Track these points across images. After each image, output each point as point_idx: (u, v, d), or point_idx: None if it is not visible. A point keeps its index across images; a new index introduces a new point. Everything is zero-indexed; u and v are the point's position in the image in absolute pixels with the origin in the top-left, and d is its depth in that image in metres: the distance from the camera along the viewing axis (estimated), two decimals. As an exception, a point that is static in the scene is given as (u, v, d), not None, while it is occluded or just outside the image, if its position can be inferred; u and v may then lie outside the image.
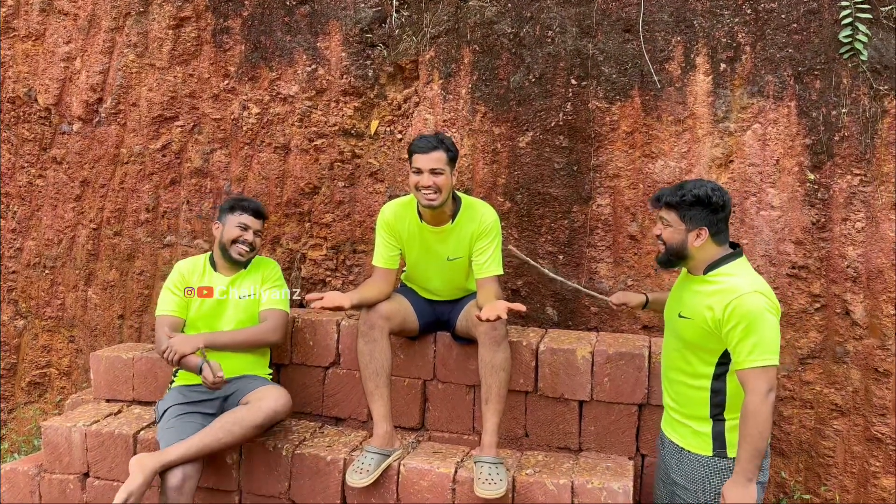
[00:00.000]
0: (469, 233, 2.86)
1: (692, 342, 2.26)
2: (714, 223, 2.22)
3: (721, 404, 2.24)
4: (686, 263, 2.31)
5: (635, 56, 3.25)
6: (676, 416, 2.36)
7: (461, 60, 3.43)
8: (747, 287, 2.13)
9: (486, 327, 2.68)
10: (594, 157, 3.32)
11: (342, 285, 3.69)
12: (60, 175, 4.02)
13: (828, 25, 3.07)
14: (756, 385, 2.08)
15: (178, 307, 2.97)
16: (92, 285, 4.04)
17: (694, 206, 2.21)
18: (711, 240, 2.23)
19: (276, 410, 2.72)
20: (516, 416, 3.05)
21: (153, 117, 3.81)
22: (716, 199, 2.19)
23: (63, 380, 4.17)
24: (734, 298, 2.12)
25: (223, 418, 2.71)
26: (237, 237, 2.96)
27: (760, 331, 2.09)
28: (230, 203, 3.05)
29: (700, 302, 2.22)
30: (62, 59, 3.94)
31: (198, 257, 3.11)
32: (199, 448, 2.62)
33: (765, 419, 2.08)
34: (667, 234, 2.28)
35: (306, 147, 3.64)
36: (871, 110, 3.03)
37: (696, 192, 2.20)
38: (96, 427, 3.06)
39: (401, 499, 2.74)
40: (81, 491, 3.06)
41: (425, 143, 2.75)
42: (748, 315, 2.09)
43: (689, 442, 2.30)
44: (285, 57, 3.63)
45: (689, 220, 2.22)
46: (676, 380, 2.35)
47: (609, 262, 3.35)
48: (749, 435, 2.10)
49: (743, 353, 2.11)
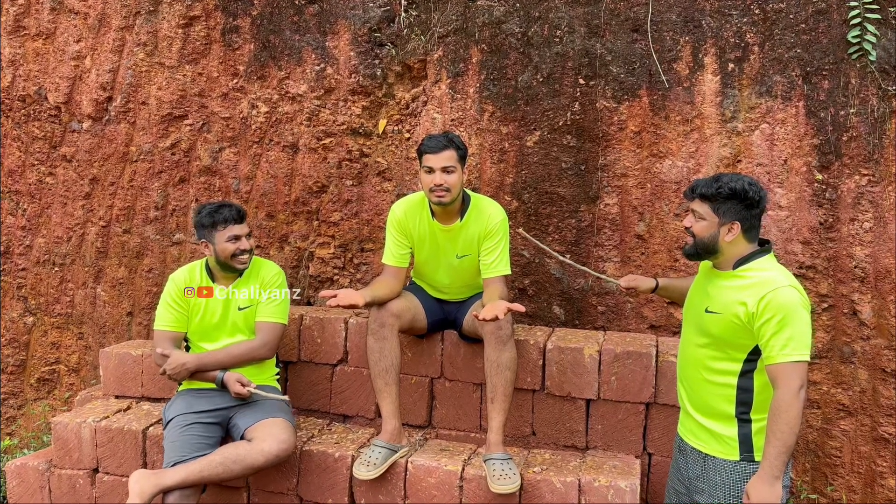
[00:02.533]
0: (476, 232, 2.87)
1: (721, 338, 2.19)
2: (747, 219, 2.17)
3: (748, 403, 2.18)
4: (714, 258, 2.25)
5: (643, 56, 3.25)
6: (698, 417, 2.29)
7: (469, 60, 3.44)
8: (783, 281, 2.10)
9: (491, 326, 2.68)
10: (602, 156, 3.33)
11: (350, 283, 3.70)
12: (70, 173, 4.05)
13: (836, 25, 3.07)
14: (788, 380, 2.03)
15: (175, 321, 2.92)
16: (101, 282, 4.06)
17: (729, 200, 2.16)
18: (743, 236, 2.18)
19: (277, 456, 2.68)
20: (523, 414, 3.06)
21: (162, 116, 3.84)
22: (752, 194, 2.15)
23: (72, 376, 4.20)
24: (769, 292, 2.07)
25: (225, 452, 2.69)
26: (234, 251, 2.87)
27: (795, 325, 2.04)
28: (207, 220, 2.87)
29: (731, 297, 2.16)
30: (72, 57, 3.97)
31: (193, 267, 3.01)
32: (198, 478, 2.63)
33: (795, 415, 2.03)
34: (698, 227, 2.22)
35: (314, 146, 3.66)
36: (880, 110, 3.03)
37: (733, 186, 2.15)
38: (106, 423, 3.08)
39: (408, 496, 2.76)
40: (91, 486, 3.08)
41: (436, 143, 2.76)
42: (783, 308, 2.05)
43: (714, 447, 2.23)
44: (294, 56, 3.65)
45: (723, 214, 2.17)
46: (698, 378, 2.28)
47: (616, 261, 3.36)
48: (779, 431, 2.04)
49: (776, 348, 2.05)
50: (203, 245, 2.91)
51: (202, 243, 2.91)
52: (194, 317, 2.94)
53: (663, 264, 3.28)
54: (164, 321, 2.92)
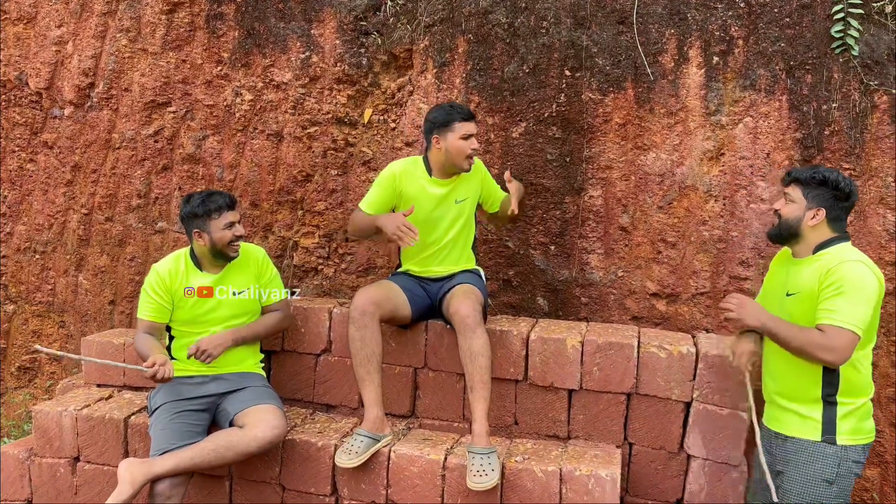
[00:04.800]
0: (476, 178, 3.08)
1: (803, 318, 2.27)
2: (834, 208, 2.28)
3: (834, 384, 2.24)
4: (794, 242, 2.35)
5: (629, 48, 3.26)
6: (782, 401, 2.35)
7: (455, 50, 3.43)
8: (854, 257, 2.20)
9: (459, 316, 2.74)
10: (587, 148, 3.34)
11: (334, 273, 3.70)
12: (51, 160, 4.00)
13: (820, 20, 3.09)
14: (832, 340, 2.13)
15: (157, 312, 2.88)
16: (83, 271, 4.03)
17: (820, 187, 2.28)
18: (827, 223, 2.28)
19: (271, 441, 2.70)
20: (506, 404, 3.07)
21: (145, 103, 3.80)
22: (843, 185, 2.27)
23: (53, 365, 4.17)
24: (837, 263, 2.19)
25: (217, 439, 2.68)
26: (231, 238, 2.85)
27: (851, 296, 2.14)
28: (201, 209, 2.83)
29: (808, 275, 2.27)
30: (54, 42, 3.92)
31: (177, 256, 2.96)
32: (189, 466, 2.62)
33: (817, 346, 2.14)
34: (786, 210, 2.33)
35: (299, 135, 3.64)
36: (862, 105, 3.06)
37: (826, 175, 2.28)
38: (87, 411, 3.06)
39: (391, 485, 2.77)
40: (72, 475, 3.07)
41: (466, 111, 2.96)
42: (845, 279, 2.15)
43: (795, 428, 2.30)
44: (279, 44, 3.62)
45: (812, 199, 2.29)
46: (785, 365, 2.33)
47: (600, 253, 3.38)
48: (804, 337, 2.18)
49: (826, 310, 2.16)
50: (196, 235, 2.86)
51: (195, 233, 2.86)
52: (184, 306, 2.90)
53: (646, 256, 3.30)
54: (146, 312, 2.89)
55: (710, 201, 3.20)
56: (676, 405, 2.91)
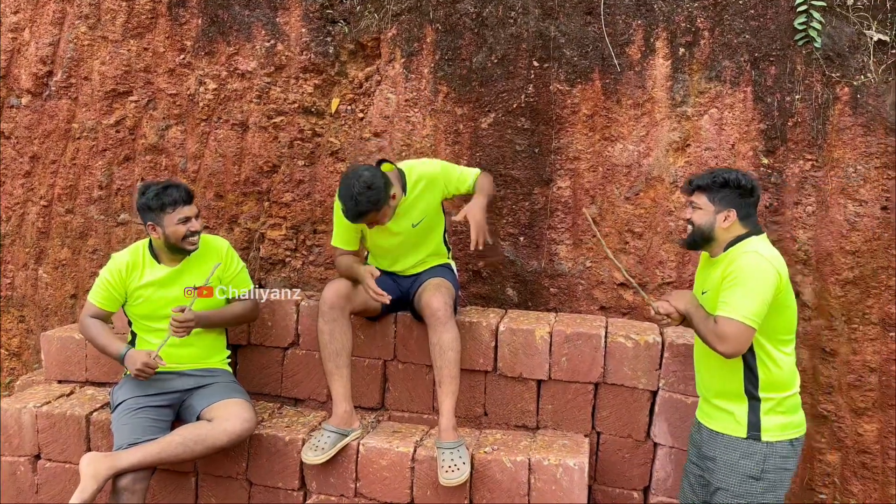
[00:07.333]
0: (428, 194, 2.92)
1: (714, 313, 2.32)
2: (743, 206, 2.32)
3: (753, 380, 2.30)
4: (710, 246, 2.39)
5: (596, 39, 3.26)
6: (710, 397, 2.42)
7: (424, 39, 3.40)
8: (752, 248, 2.26)
9: (430, 309, 2.74)
10: (555, 139, 3.34)
11: (302, 266, 3.65)
12: (9, 150, 3.89)
13: (784, 12, 3.13)
14: (725, 329, 2.20)
15: (107, 301, 2.86)
16: (42, 264, 3.93)
17: (723, 188, 2.33)
18: (739, 223, 2.33)
19: (240, 435, 2.67)
20: (475, 395, 3.08)
21: (106, 92, 3.70)
22: (744, 182, 2.32)
23: (13, 360, 4.07)
24: (737, 256, 2.25)
25: (185, 432, 2.65)
26: (185, 234, 2.78)
27: (745, 286, 2.19)
28: (155, 202, 2.75)
29: (717, 271, 2.32)
30: (10, 29, 3.79)
31: (136, 248, 2.90)
32: (156, 459, 2.58)
33: (714, 336, 2.22)
34: (696, 216, 2.38)
35: (265, 125, 3.58)
36: (824, 97, 3.10)
37: (726, 176, 2.33)
38: (47, 408, 3.00)
39: (360, 478, 2.76)
40: (32, 473, 3.00)
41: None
42: (741, 269, 2.21)
43: (723, 424, 2.36)
44: (243, 32, 3.55)
45: (719, 202, 2.33)
46: (710, 362, 2.40)
47: (569, 243, 3.39)
48: (702, 323, 2.27)
49: (721, 302, 2.23)
50: (150, 228, 2.80)
51: (149, 226, 2.80)
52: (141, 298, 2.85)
53: (613, 247, 3.32)
54: (97, 297, 2.86)
55: (676, 192, 3.23)
56: (643, 394, 2.94)
